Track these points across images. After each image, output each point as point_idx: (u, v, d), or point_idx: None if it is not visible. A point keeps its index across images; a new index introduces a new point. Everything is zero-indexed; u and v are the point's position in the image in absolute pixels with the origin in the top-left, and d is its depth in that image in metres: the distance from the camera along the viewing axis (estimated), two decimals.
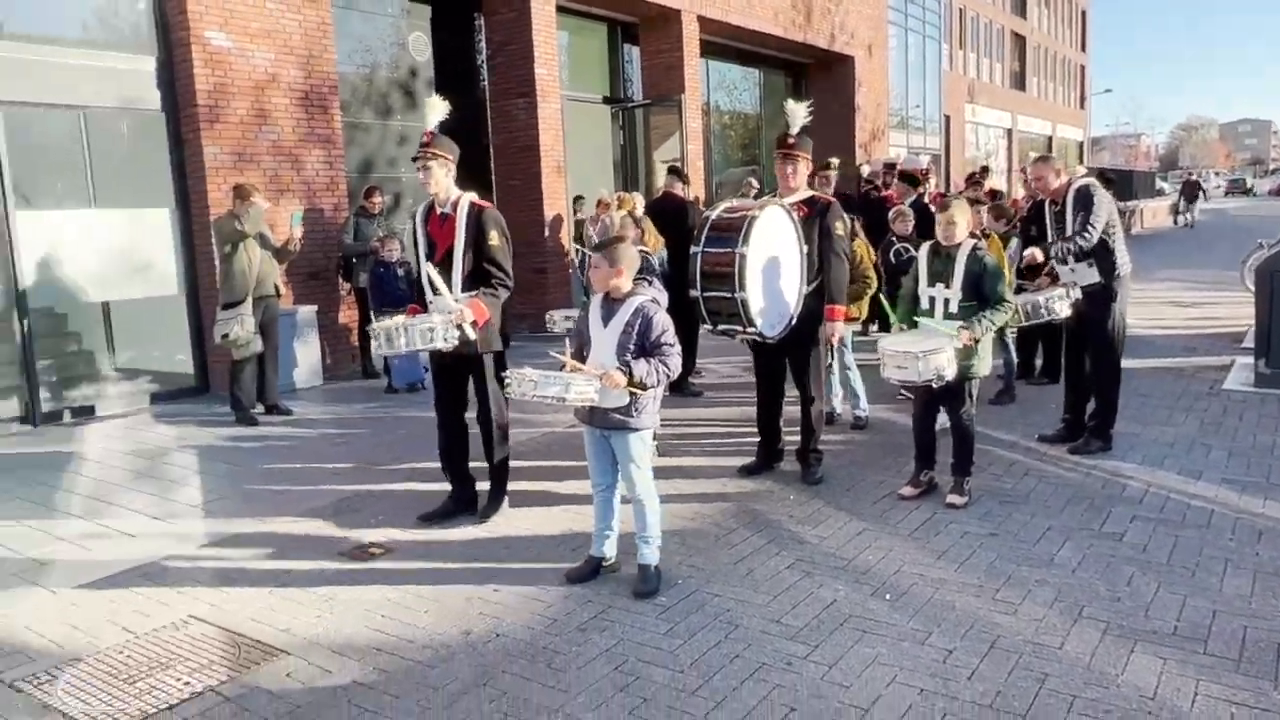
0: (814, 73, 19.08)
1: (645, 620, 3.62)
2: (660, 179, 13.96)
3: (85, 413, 7.74)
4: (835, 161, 8.89)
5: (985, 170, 11.88)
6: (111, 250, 7.85)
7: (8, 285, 7.26)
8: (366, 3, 10.47)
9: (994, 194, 10.19)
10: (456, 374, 4.77)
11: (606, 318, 3.87)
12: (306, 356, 8.58)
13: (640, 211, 7.51)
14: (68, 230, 7.67)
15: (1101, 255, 5.36)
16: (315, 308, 8.73)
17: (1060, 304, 5.36)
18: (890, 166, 11.64)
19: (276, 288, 7.50)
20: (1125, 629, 3.39)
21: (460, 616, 3.72)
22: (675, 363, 3.79)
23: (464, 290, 4.56)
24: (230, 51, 8.25)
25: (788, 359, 5.30)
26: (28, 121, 7.78)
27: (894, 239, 7.36)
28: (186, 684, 3.25)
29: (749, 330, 4.92)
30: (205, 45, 8.07)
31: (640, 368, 3.69)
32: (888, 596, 3.77)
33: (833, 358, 6.26)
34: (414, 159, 4.65)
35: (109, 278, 7.85)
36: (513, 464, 5.00)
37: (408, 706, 3.07)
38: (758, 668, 3.22)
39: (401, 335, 4.41)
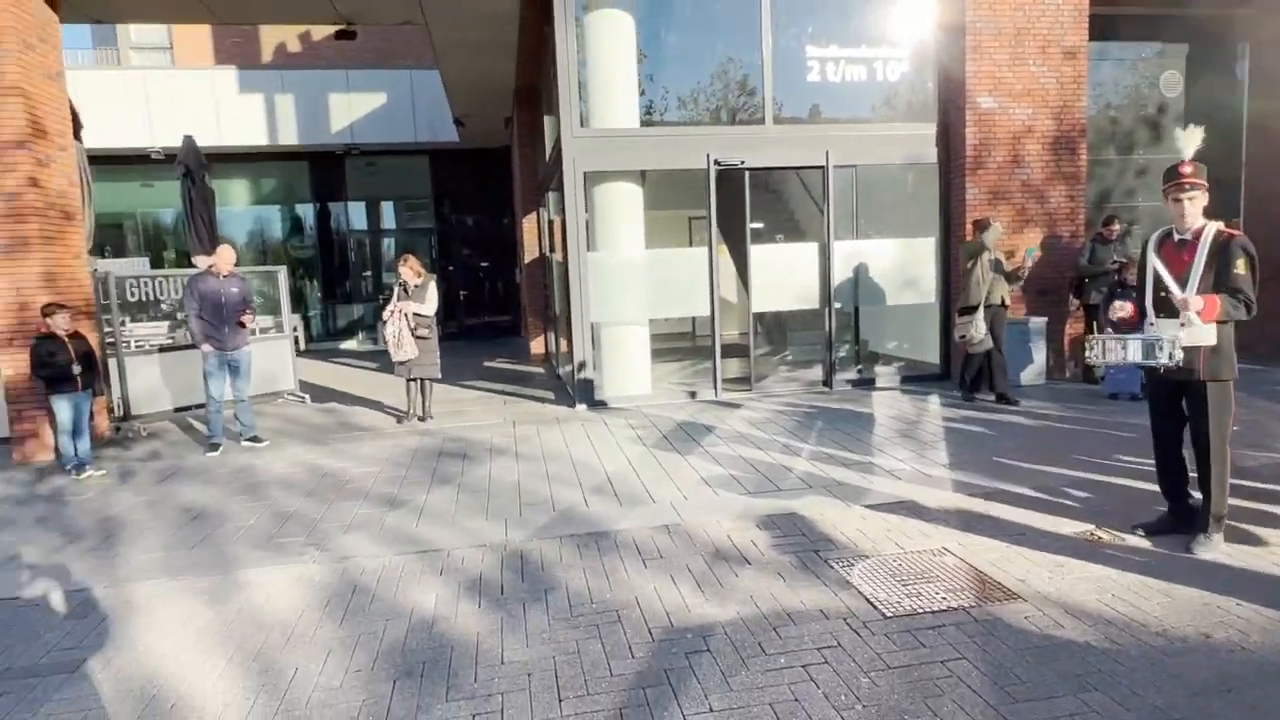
0: None
1: None
2: None
3: (863, 384, 8.58)
4: None
5: None
6: (888, 269, 8.49)
7: (823, 292, 8.42)
8: (1119, 51, 9.32)
9: None
10: (1174, 395, 3.89)
11: None
12: (1034, 359, 8.14)
13: None
14: (855, 254, 8.52)
15: None
16: (1045, 319, 8.19)
17: None
18: None
19: (1003, 300, 7.37)
20: None
21: (1196, 617, 3.11)
22: None
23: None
24: (995, 112, 8.17)
25: None
26: (844, 176, 8.89)
27: None
28: (943, 598, 3.38)
29: None
30: (976, 109, 8.13)
31: None
32: None
33: None
34: (1167, 190, 3.78)
35: (886, 289, 8.52)
36: (1261, 486, 3.98)
37: (1142, 680, 2.69)
38: None
39: (1120, 348, 3.76)
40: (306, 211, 16.81)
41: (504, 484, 5.36)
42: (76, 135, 7.49)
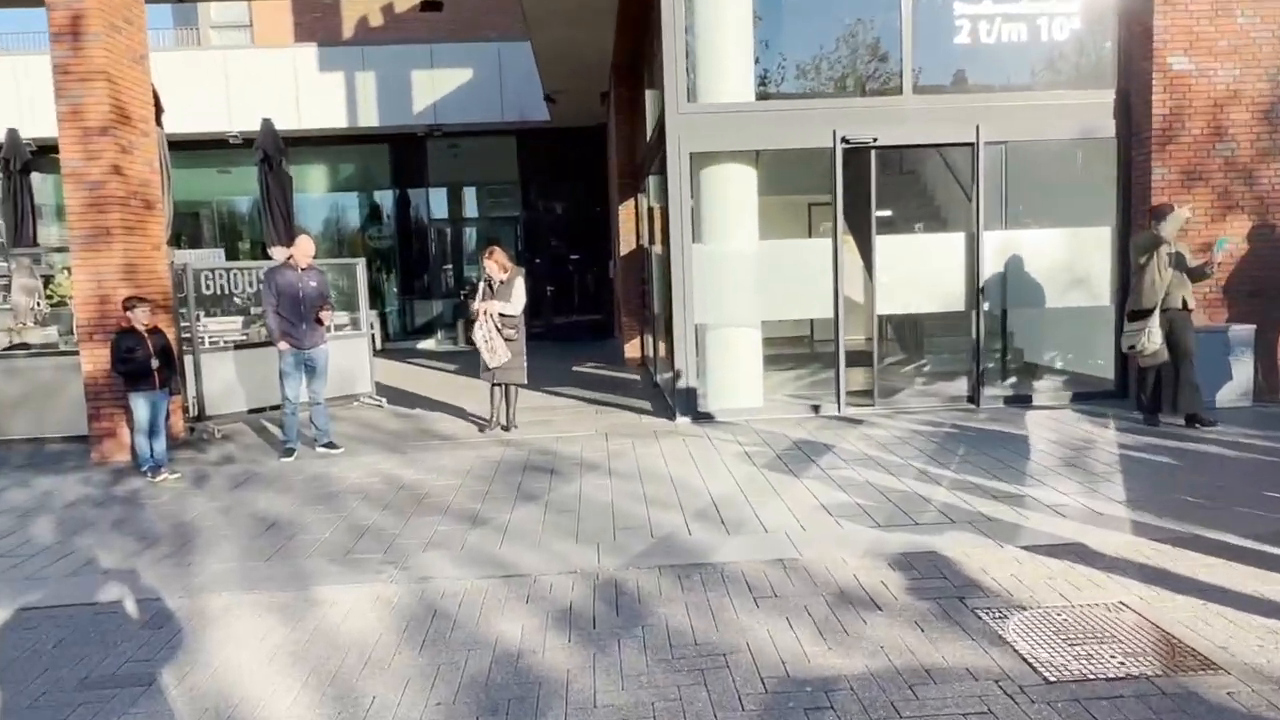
0: None
1: None
2: None
3: (1017, 400, 8.22)
4: None
5: None
6: (1049, 265, 8.09)
7: (969, 291, 8.11)
8: None
9: None
10: None
11: None
12: (1237, 375, 7.56)
13: None
14: (1009, 246, 8.16)
15: None
16: (1253, 327, 7.60)
17: None
18: None
19: (1184, 302, 6.93)
20: None
21: None
22: None
23: None
24: (1191, 74, 7.67)
25: None
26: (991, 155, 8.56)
27: None
28: (1121, 663, 3.18)
29: None
30: (1166, 72, 7.66)
31: None
32: None
33: None
34: None
35: (1046, 289, 8.11)
36: None
37: None
38: None
39: None
40: (385, 198, 17.62)
41: (596, 504, 5.43)
42: (158, 120, 8.14)
